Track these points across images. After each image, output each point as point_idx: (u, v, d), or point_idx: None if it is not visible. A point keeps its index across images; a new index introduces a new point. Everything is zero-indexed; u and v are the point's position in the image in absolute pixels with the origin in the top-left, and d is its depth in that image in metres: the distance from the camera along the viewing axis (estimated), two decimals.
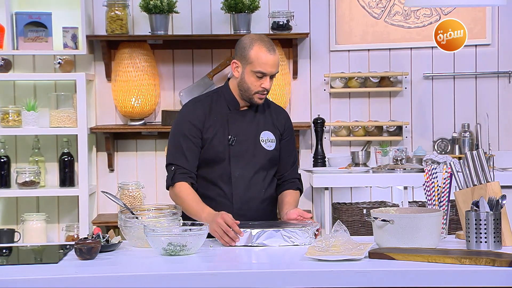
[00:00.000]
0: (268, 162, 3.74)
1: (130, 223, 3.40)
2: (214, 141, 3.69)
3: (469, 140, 5.73)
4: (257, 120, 3.76)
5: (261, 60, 3.61)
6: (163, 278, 2.88)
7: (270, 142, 3.75)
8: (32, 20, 5.44)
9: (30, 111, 5.46)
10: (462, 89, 5.80)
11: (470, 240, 3.19)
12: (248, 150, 3.71)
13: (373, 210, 3.31)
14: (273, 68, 3.63)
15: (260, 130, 3.75)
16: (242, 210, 3.67)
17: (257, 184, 3.71)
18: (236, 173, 3.69)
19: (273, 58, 3.62)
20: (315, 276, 2.88)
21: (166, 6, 5.46)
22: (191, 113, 3.72)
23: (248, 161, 3.70)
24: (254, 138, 3.73)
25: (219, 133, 3.70)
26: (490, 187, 3.34)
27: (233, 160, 3.69)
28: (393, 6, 5.77)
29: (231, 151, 3.69)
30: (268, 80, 3.64)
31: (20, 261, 3.28)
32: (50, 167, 5.67)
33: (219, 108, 3.74)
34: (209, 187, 3.72)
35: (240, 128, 3.72)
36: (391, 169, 5.48)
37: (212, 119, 3.71)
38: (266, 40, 3.66)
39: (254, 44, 3.63)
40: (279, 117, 3.82)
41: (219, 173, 3.70)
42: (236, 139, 3.70)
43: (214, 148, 3.69)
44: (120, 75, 5.58)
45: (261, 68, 3.62)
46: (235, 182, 3.69)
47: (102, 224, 5.41)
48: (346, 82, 5.75)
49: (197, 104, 3.76)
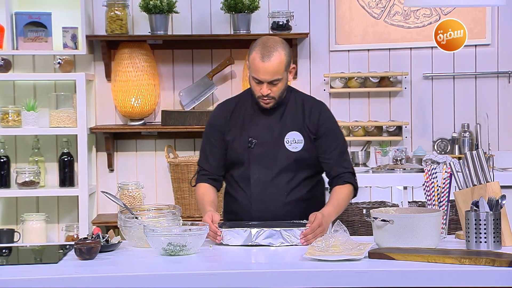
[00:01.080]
0: (294, 163, 3.66)
1: (130, 223, 3.40)
2: (234, 143, 3.70)
3: (468, 140, 5.73)
4: (284, 120, 3.69)
5: (255, 67, 3.57)
6: (162, 278, 2.88)
7: (296, 143, 3.67)
8: (32, 20, 5.44)
9: (30, 111, 5.45)
10: (462, 89, 5.80)
11: (470, 240, 3.19)
12: (269, 152, 3.66)
13: (373, 210, 3.31)
14: (266, 75, 3.55)
15: (286, 130, 3.68)
16: (261, 212, 3.65)
17: (278, 187, 3.66)
18: (255, 175, 3.67)
19: (265, 66, 3.54)
20: (315, 276, 2.88)
21: (166, 6, 5.45)
22: (214, 116, 3.79)
23: (268, 164, 3.66)
24: (277, 139, 3.67)
25: (239, 136, 3.69)
26: (489, 187, 3.34)
27: (253, 163, 3.67)
28: (393, 6, 5.77)
29: (250, 153, 3.67)
30: (265, 86, 3.58)
31: (20, 261, 3.28)
32: (50, 167, 5.67)
33: (244, 110, 3.73)
34: (234, 188, 3.74)
35: (262, 129, 3.68)
36: (391, 169, 5.48)
37: (235, 121, 3.72)
38: (267, 45, 3.57)
39: (254, 49, 3.59)
40: (312, 115, 3.71)
41: (240, 175, 3.70)
42: (256, 142, 3.66)
43: (235, 151, 3.70)
44: (120, 75, 5.58)
45: (255, 75, 3.58)
46: (253, 185, 3.67)
47: (102, 224, 5.41)
48: (346, 82, 5.75)
49: (222, 107, 3.80)
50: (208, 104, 5.76)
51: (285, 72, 3.61)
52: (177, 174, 5.55)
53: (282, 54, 3.58)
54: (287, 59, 3.60)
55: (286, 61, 3.59)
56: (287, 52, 3.61)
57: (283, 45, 3.62)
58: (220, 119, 3.74)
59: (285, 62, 3.58)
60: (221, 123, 3.73)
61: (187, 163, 5.52)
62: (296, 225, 3.44)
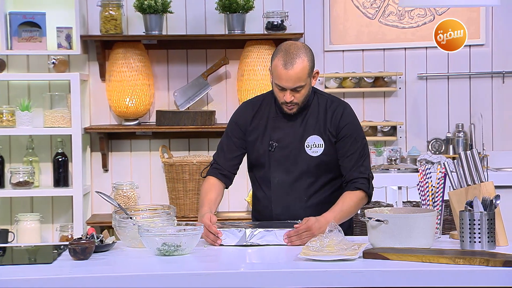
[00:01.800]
0: (315, 168, 3.62)
1: (124, 223, 3.40)
2: (256, 144, 3.68)
3: (463, 140, 5.74)
4: (305, 123, 3.64)
5: (277, 74, 3.51)
6: (157, 278, 2.87)
7: (316, 148, 3.62)
8: (26, 20, 5.43)
9: (24, 111, 5.45)
10: (456, 89, 5.81)
11: (464, 240, 3.19)
12: (290, 156, 3.63)
13: (367, 210, 3.31)
14: (288, 83, 3.50)
15: (307, 134, 3.63)
16: (282, 216, 3.63)
17: (298, 191, 3.64)
18: (276, 179, 3.65)
19: (288, 73, 3.48)
20: (309, 276, 2.88)
21: (160, 6, 5.45)
22: (238, 114, 3.77)
23: (288, 167, 3.63)
24: (298, 143, 3.63)
25: (261, 137, 3.67)
26: (484, 187, 3.34)
27: (273, 166, 3.65)
28: (388, 6, 5.78)
29: (271, 156, 3.65)
30: (288, 93, 3.53)
31: (14, 261, 3.28)
32: (44, 167, 5.66)
33: (268, 111, 3.70)
34: (257, 189, 3.73)
35: (284, 132, 3.65)
36: (386, 169, 5.49)
37: (257, 122, 3.69)
38: (290, 52, 3.50)
39: (276, 55, 3.53)
40: (334, 118, 3.65)
41: (262, 177, 3.69)
42: (277, 145, 3.64)
43: (256, 152, 3.68)
44: (114, 75, 5.57)
45: (278, 82, 3.53)
46: (274, 188, 3.66)
47: (96, 224, 5.40)
48: (340, 82, 5.76)
49: (247, 105, 3.77)
50: (202, 104, 5.76)
51: (308, 78, 3.55)
52: (171, 174, 5.55)
53: (305, 61, 3.51)
54: (310, 65, 3.53)
55: (309, 67, 3.53)
56: (310, 58, 3.54)
57: (306, 51, 3.54)
58: (245, 118, 3.72)
59: (308, 68, 3.52)
60: (243, 122, 3.71)
61: (181, 163, 5.52)
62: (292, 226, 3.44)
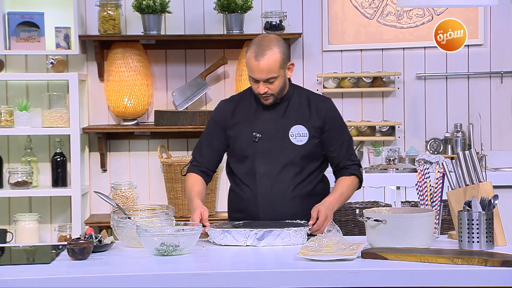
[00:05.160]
0: (300, 157, 3.68)
1: (123, 223, 3.40)
2: (238, 138, 3.72)
3: (461, 140, 5.74)
4: (288, 114, 3.71)
5: (249, 66, 3.60)
6: (155, 278, 2.87)
7: (301, 137, 3.69)
8: (25, 20, 5.43)
9: (23, 111, 5.44)
10: (455, 89, 5.81)
11: (463, 240, 3.19)
12: (275, 146, 3.68)
13: (366, 210, 3.31)
14: (261, 74, 3.58)
15: (290, 124, 3.70)
16: (268, 207, 3.66)
17: (283, 181, 3.67)
18: (261, 170, 3.68)
19: (259, 65, 3.56)
20: (308, 276, 2.88)
21: (158, 6, 5.45)
22: (217, 112, 3.83)
23: (274, 158, 3.68)
24: (282, 133, 3.69)
25: (243, 131, 3.72)
26: (482, 187, 3.35)
27: (258, 157, 3.68)
28: (386, 6, 5.78)
29: (255, 148, 3.69)
30: (261, 85, 3.61)
31: (12, 261, 3.28)
32: (42, 167, 5.66)
33: (248, 105, 3.76)
34: (239, 185, 3.75)
35: (266, 124, 3.70)
36: (384, 169, 5.49)
37: (237, 117, 3.74)
38: (261, 44, 3.58)
39: (249, 48, 3.61)
40: (319, 110, 3.73)
41: (245, 171, 3.72)
42: (261, 136, 3.69)
43: (239, 146, 3.72)
44: (112, 75, 5.57)
45: (250, 74, 3.62)
46: (259, 179, 3.68)
47: (94, 224, 5.40)
48: (338, 82, 5.76)
49: (226, 102, 3.84)
50: (201, 104, 5.76)
51: (281, 70, 3.61)
52: (170, 174, 5.55)
53: (276, 53, 3.57)
54: (282, 57, 3.59)
55: (281, 59, 3.59)
56: (282, 50, 3.60)
57: (278, 43, 3.61)
58: (223, 115, 3.78)
59: (280, 60, 3.58)
60: (223, 119, 3.76)
61: (180, 163, 5.52)
62: (293, 225, 3.44)
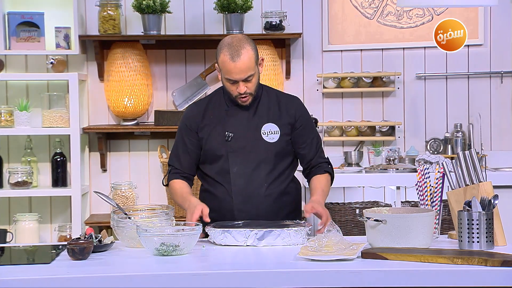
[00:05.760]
0: (273, 155, 3.71)
1: (123, 223, 3.40)
2: (210, 139, 3.72)
3: (461, 140, 5.74)
4: (259, 113, 3.74)
5: (226, 69, 3.60)
6: (155, 278, 2.87)
7: (273, 134, 3.71)
8: (25, 20, 5.43)
9: (23, 111, 5.45)
10: (455, 89, 5.81)
11: (463, 240, 3.19)
12: (247, 144, 3.70)
13: (365, 210, 3.31)
14: (240, 74, 3.59)
15: (262, 123, 3.72)
16: (242, 205, 3.68)
17: (257, 179, 3.69)
18: (234, 168, 3.69)
19: (236, 66, 3.57)
20: (308, 276, 2.88)
21: (158, 6, 5.45)
22: (187, 116, 3.82)
23: (247, 156, 3.69)
24: (254, 132, 3.71)
25: (215, 131, 3.72)
26: (482, 187, 3.35)
27: (231, 156, 3.70)
28: (386, 6, 5.78)
29: (228, 147, 3.70)
30: (241, 85, 3.62)
31: (12, 261, 3.28)
32: (42, 167, 5.66)
33: (218, 106, 3.76)
34: (212, 185, 3.76)
35: (238, 123, 3.72)
36: (384, 169, 5.49)
37: (208, 118, 3.75)
38: (233, 45, 3.60)
39: (221, 51, 3.62)
40: (289, 108, 3.77)
41: (219, 170, 3.72)
42: (233, 135, 3.70)
43: (211, 146, 3.72)
44: (112, 75, 5.57)
45: (228, 76, 3.62)
46: (233, 178, 3.69)
47: (94, 224, 5.40)
48: (338, 82, 5.76)
49: (194, 106, 3.85)
50: None
51: (256, 66, 3.65)
52: None
53: (249, 50, 3.61)
54: (255, 53, 3.64)
55: (255, 56, 3.63)
56: (253, 46, 3.65)
57: (248, 41, 3.65)
58: (193, 118, 3.78)
59: (254, 57, 3.62)
60: (193, 122, 3.77)
61: None
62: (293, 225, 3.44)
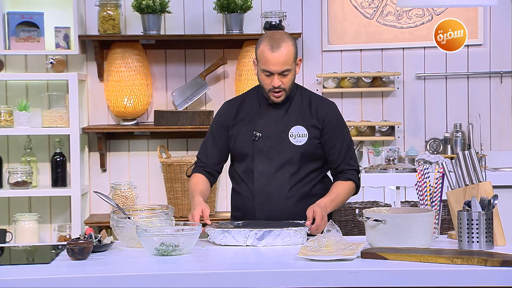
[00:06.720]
0: (298, 157, 3.70)
1: (123, 223, 3.40)
2: (239, 137, 3.75)
3: (461, 140, 5.74)
4: (289, 114, 3.73)
5: (265, 59, 3.61)
6: (155, 278, 2.87)
7: (300, 137, 3.70)
8: (24, 20, 5.43)
9: (22, 111, 5.45)
10: (454, 89, 5.82)
11: (462, 240, 3.19)
12: (274, 145, 3.71)
13: (365, 210, 3.31)
14: (277, 66, 3.60)
15: (290, 124, 3.72)
16: (263, 205, 3.69)
17: (280, 180, 3.69)
18: (259, 168, 3.71)
19: (276, 56, 3.59)
20: (308, 276, 2.88)
21: (158, 6, 5.45)
22: (220, 112, 3.87)
23: (272, 157, 3.70)
24: (282, 133, 3.71)
25: (244, 130, 3.75)
26: (482, 187, 3.35)
27: (257, 156, 3.71)
28: (385, 6, 5.78)
29: (254, 146, 3.71)
30: (276, 78, 3.63)
31: (12, 261, 3.28)
32: (42, 167, 5.66)
33: (250, 105, 3.79)
34: (239, 183, 3.78)
35: (267, 123, 3.73)
36: (384, 169, 5.49)
37: (240, 116, 3.77)
38: (275, 37, 3.62)
39: (262, 42, 3.64)
40: (319, 112, 3.75)
41: (244, 169, 3.75)
42: (261, 135, 3.71)
43: (239, 144, 3.75)
44: (112, 75, 5.57)
45: (265, 67, 3.63)
46: (257, 177, 3.71)
47: (94, 224, 5.40)
48: (338, 82, 5.76)
49: (229, 103, 3.88)
50: (200, 104, 5.76)
51: (294, 63, 3.66)
52: (169, 174, 5.55)
53: (290, 45, 3.63)
54: (294, 50, 3.65)
55: (294, 52, 3.65)
56: (294, 43, 3.66)
57: (289, 37, 3.67)
58: (225, 115, 3.81)
59: (293, 52, 3.64)
60: (225, 119, 3.80)
61: (180, 163, 5.52)
62: (293, 225, 3.44)
